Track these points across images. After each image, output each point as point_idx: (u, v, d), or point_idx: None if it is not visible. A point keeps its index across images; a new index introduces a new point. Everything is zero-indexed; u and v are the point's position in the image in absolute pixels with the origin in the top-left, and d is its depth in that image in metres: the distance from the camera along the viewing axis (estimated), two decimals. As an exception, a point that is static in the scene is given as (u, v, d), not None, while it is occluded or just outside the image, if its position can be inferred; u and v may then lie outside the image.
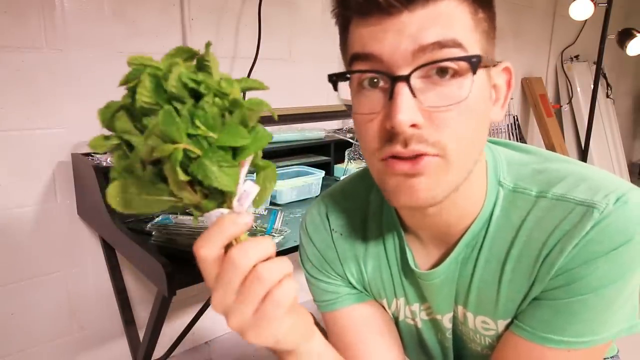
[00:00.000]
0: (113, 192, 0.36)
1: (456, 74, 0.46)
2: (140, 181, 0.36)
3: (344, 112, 1.87)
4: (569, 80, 3.31)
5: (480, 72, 0.48)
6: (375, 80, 0.49)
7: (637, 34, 2.62)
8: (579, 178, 0.53)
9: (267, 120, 0.42)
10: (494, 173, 0.57)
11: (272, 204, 1.48)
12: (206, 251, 0.38)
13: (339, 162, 1.85)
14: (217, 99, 0.36)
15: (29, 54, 1.29)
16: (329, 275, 0.68)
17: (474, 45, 0.47)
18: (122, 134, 0.36)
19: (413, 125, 0.46)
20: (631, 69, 4.07)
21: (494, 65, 0.52)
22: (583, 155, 2.63)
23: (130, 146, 0.37)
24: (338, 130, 1.99)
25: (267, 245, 0.39)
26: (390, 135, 0.48)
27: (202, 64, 0.37)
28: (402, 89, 0.46)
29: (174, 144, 0.34)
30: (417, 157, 0.47)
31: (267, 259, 0.39)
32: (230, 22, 1.69)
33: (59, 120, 1.36)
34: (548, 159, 0.58)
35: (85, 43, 1.37)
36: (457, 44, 0.46)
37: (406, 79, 0.46)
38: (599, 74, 2.48)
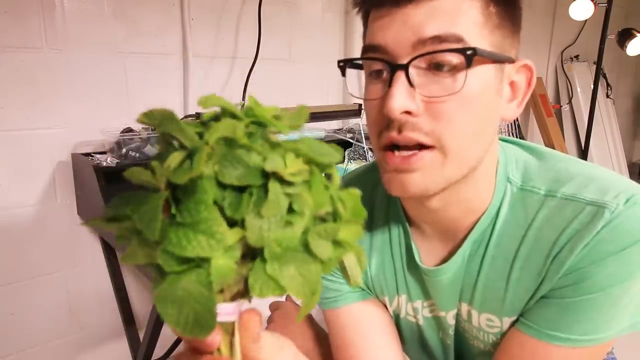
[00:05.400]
0: None
1: (456, 67, 0.47)
2: None
3: (344, 112, 1.87)
4: (569, 80, 3.31)
5: (487, 67, 0.49)
6: (381, 70, 0.51)
7: (637, 34, 2.61)
8: (587, 178, 0.54)
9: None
10: (504, 170, 0.57)
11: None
12: None
13: (339, 162, 1.85)
14: None
15: (29, 54, 1.29)
16: (332, 273, 0.68)
17: (480, 40, 0.48)
18: None
19: (408, 113, 0.48)
20: (631, 69, 4.07)
21: (511, 62, 0.52)
22: (583, 155, 2.62)
23: None
24: (338, 130, 1.99)
25: None
26: (387, 122, 0.49)
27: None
28: (399, 77, 0.47)
29: None
30: (412, 149, 0.49)
31: None
32: (230, 22, 1.69)
33: (59, 120, 1.36)
34: (555, 158, 0.58)
35: (85, 43, 1.37)
36: (457, 39, 0.47)
37: (404, 67, 0.47)
38: (599, 74, 2.47)
